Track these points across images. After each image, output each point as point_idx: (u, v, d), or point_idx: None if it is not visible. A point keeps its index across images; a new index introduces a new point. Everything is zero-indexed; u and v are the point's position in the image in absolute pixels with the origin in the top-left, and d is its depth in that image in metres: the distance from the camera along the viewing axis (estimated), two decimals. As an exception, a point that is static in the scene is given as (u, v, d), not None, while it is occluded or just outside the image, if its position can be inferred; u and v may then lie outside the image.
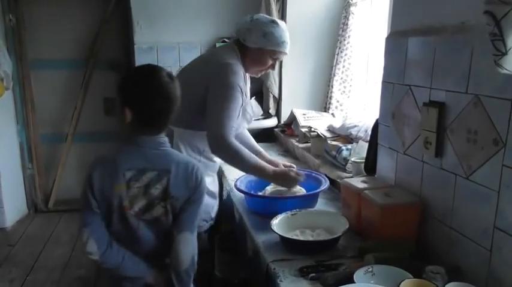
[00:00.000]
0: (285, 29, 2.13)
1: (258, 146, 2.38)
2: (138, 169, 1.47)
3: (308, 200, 2.01)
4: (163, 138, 1.52)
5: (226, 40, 3.63)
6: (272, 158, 2.33)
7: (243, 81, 2.09)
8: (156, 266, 1.57)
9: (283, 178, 2.02)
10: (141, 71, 1.52)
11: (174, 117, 1.50)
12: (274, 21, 2.11)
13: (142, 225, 1.50)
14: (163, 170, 1.48)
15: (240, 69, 2.07)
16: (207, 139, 2.03)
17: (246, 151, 2.02)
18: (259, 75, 2.30)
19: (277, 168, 2.09)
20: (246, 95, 2.18)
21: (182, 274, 1.52)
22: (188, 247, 1.52)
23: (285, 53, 2.16)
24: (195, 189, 1.53)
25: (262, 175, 2.04)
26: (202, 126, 2.06)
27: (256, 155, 2.26)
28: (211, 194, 2.26)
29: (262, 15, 2.18)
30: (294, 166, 2.22)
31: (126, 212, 1.47)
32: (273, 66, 2.22)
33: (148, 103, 1.44)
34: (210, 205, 2.25)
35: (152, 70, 1.47)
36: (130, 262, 1.52)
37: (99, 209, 1.48)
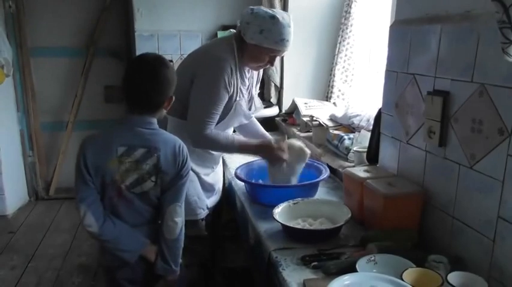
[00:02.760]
0: (287, 25, 1.97)
1: (266, 134, 2.35)
2: (129, 145, 1.57)
3: (308, 189, 2.01)
4: (153, 119, 1.63)
5: (230, 28, 3.60)
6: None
7: (233, 77, 2.04)
8: (150, 237, 1.68)
9: (267, 150, 2.06)
10: (137, 56, 1.69)
11: (162, 100, 1.61)
12: (273, 17, 1.95)
13: (134, 197, 1.61)
14: (152, 148, 1.59)
15: (228, 65, 2.00)
16: (187, 131, 2.04)
17: (222, 137, 2.05)
18: (259, 70, 2.25)
19: (260, 140, 2.11)
20: (241, 91, 2.13)
21: (172, 243, 1.67)
22: (178, 218, 1.65)
23: (284, 51, 2.06)
24: (183, 165, 1.66)
25: (248, 150, 2.09)
26: None
27: None
28: (208, 186, 2.25)
29: (263, 9, 2.00)
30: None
31: (119, 185, 1.58)
32: (271, 63, 2.11)
33: (133, 83, 1.56)
34: (206, 195, 2.24)
35: (144, 55, 1.62)
36: (127, 234, 1.62)
37: (94, 183, 1.57)
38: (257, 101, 2.36)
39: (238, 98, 2.12)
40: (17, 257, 3.30)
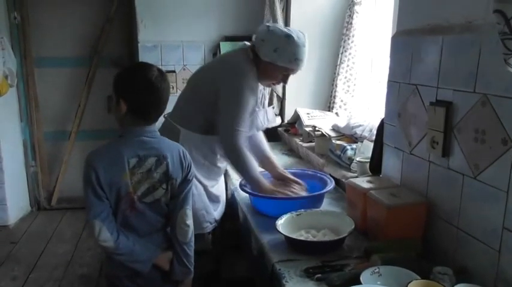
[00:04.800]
0: (301, 45, 1.99)
1: (269, 152, 2.32)
2: (139, 156, 1.58)
3: (314, 201, 2.00)
4: (155, 127, 1.66)
5: (233, 39, 3.62)
6: (281, 170, 2.23)
7: (256, 85, 2.06)
8: (160, 246, 1.70)
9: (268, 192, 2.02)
10: (135, 66, 1.68)
11: (163, 109, 1.63)
12: (289, 36, 1.97)
13: (145, 207, 1.61)
14: (161, 155, 1.61)
15: (251, 72, 2.03)
16: (220, 142, 2.05)
17: (251, 161, 2.04)
18: (271, 87, 2.25)
19: (269, 186, 2.05)
20: (259, 100, 2.15)
21: (186, 245, 1.69)
22: (189, 220, 1.69)
23: (298, 70, 2.07)
24: (189, 168, 1.69)
25: (255, 188, 2.04)
26: (211, 130, 2.07)
27: (265, 160, 2.26)
28: (214, 198, 2.25)
29: (279, 28, 2.04)
30: (301, 182, 2.13)
31: (132, 197, 1.58)
32: (284, 81, 2.12)
33: (142, 95, 1.55)
34: (213, 208, 2.24)
35: (144, 65, 1.61)
36: (139, 245, 1.62)
37: (108, 199, 1.56)
38: (270, 113, 2.35)
39: (257, 109, 2.13)
40: (18, 268, 3.28)
